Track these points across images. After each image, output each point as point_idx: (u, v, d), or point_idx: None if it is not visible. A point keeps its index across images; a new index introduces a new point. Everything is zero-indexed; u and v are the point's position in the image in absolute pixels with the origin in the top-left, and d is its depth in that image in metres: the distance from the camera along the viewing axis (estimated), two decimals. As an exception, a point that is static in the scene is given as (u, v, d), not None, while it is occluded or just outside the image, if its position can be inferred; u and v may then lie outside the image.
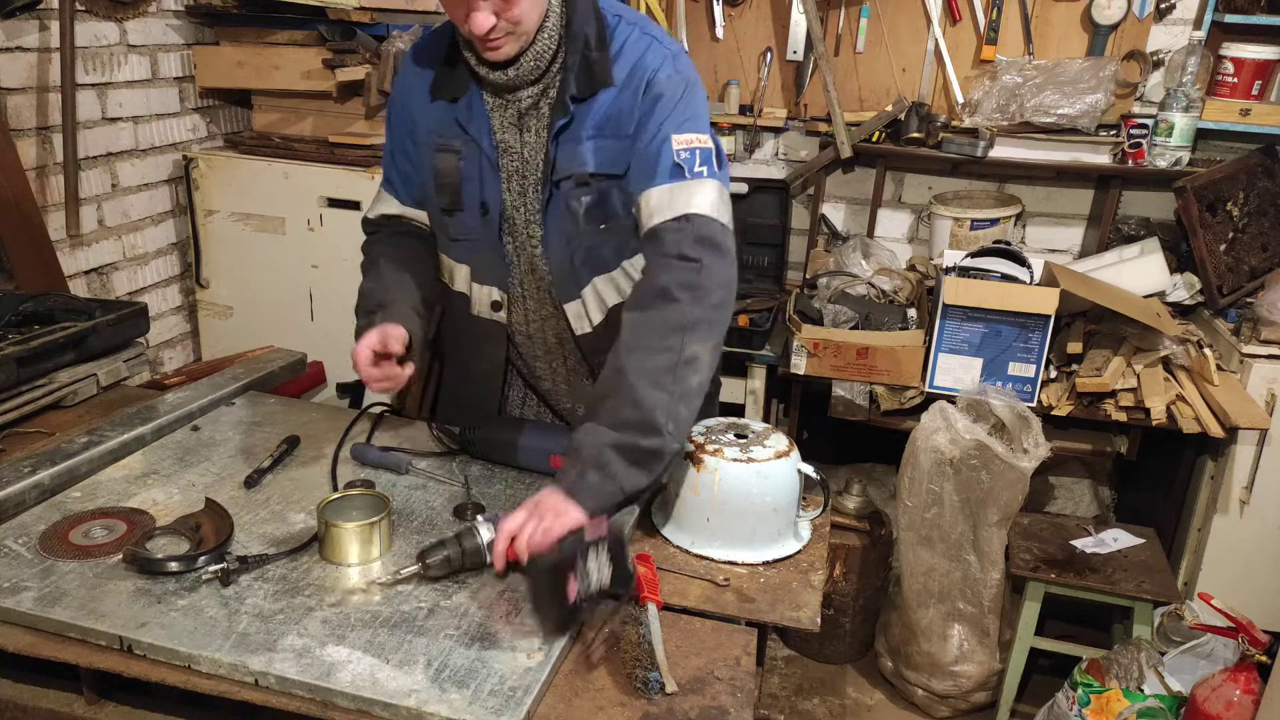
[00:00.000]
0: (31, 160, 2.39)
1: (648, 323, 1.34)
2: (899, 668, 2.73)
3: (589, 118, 1.49)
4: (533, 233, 1.59)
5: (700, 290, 1.35)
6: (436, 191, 1.60)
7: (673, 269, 1.37)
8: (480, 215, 1.58)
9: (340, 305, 2.92)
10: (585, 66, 1.48)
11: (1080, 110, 2.85)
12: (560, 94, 1.49)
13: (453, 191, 1.58)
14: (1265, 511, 2.67)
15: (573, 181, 1.51)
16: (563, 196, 1.53)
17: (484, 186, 1.56)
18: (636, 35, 1.51)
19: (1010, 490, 2.40)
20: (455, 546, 1.29)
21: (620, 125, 1.48)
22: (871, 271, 3.06)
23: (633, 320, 1.36)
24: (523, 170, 1.56)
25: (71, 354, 1.84)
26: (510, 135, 1.55)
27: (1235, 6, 2.83)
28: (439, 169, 1.58)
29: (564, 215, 1.54)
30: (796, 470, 1.43)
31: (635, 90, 1.47)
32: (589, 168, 1.50)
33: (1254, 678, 2.18)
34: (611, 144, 1.50)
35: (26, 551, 1.29)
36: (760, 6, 3.16)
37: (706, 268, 1.37)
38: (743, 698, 1.14)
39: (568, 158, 1.51)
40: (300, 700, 1.09)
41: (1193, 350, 2.64)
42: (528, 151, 1.55)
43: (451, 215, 1.61)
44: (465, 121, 1.54)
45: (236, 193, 2.86)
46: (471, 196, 1.58)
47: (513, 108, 1.53)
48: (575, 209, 1.53)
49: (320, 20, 2.74)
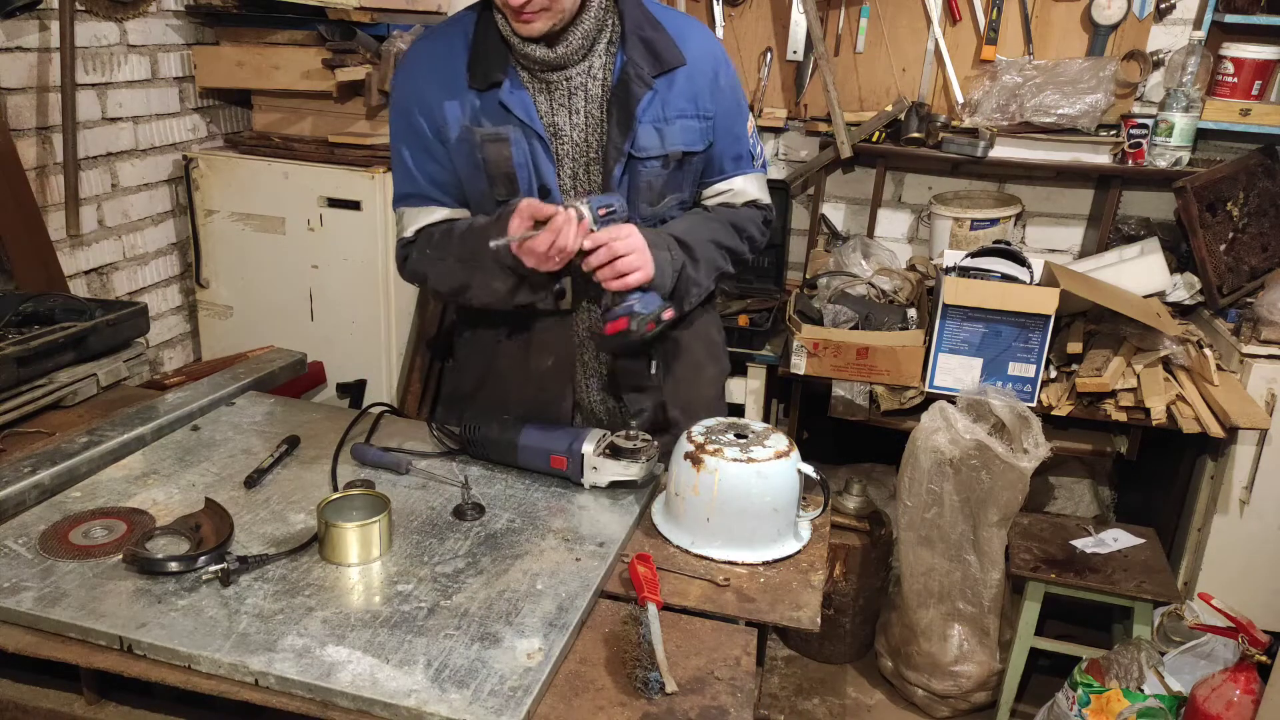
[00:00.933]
0: (31, 160, 2.39)
1: (722, 223, 1.68)
2: (899, 668, 2.73)
3: (669, 96, 1.56)
4: None
5: (754, 245, 1.76)
6: (490, 183, 1.57)
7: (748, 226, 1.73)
8: (540, 199, 1.55)
9: (340, 305, 2.93)
10: (647, 45, 1.53)
11: (1080, 110, 2.85)
12: (627, 71, 1.52)
13: (509, 179, 1.56)
14: (1265, 511, 2.67)
15: (657, 160, 1.57)
16: (639, 173, 1.56)
17: (539, 169, 1.55)
18: (680, 18, 1.62)
19: (1010, 490, 2.40)
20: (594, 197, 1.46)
21: (699, 105, 1.59)
22: (871, 271, 3.06)
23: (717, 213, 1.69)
24: (572, 151, 1.57)
25: (71, 354, 1.84)
26: (560, 117, 1.55)
27: (1235, 6, 2.83)
28: (489, 159, 1.55)
29: (635, 187, 1.58)
30: (796, 470, 1.43)
31: (711, 75, 1.59)
32: (677, 146, 1.58)
33: (1254, 678, 2.18)
34: (693, 123, 1.59)
35: (26, 551, 1.29)
36: (760, 6, 3.16)
37: (763, 240, 1.80)
38: (743, 698, 1.14)
39: (648, 136, 1.55)
40: (300, 700, 1.09)
41: (1193, 350, 2.64)
42: (576, 133, 1.56)
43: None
44: (511, 105, 1.52)
45: (236, 193, 2.86)
46: (527, 182, 1.56)
47: (560, 88, 1.54)
48: (652, 184, 1.60)
49: (320, 20, 2.74)
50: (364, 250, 2.83)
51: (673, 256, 1.56)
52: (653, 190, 1.61)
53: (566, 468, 1.54)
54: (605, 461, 1.52)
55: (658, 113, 1.55)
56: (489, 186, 1.58)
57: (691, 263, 1.61)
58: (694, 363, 1.78)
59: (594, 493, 1.54)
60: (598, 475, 1.53)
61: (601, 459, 1.52)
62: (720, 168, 1.68)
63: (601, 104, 1.56)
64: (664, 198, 1.63)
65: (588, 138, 1.57)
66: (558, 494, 1.53)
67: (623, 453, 1.52)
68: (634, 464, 1.51)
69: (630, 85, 1.52)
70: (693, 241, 1.61)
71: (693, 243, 1.61)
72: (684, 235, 1.61)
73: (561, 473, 1.55)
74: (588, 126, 1.57)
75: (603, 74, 1.55)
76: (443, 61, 1.56)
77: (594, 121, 1.57)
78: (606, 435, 1.56)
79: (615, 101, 1.54)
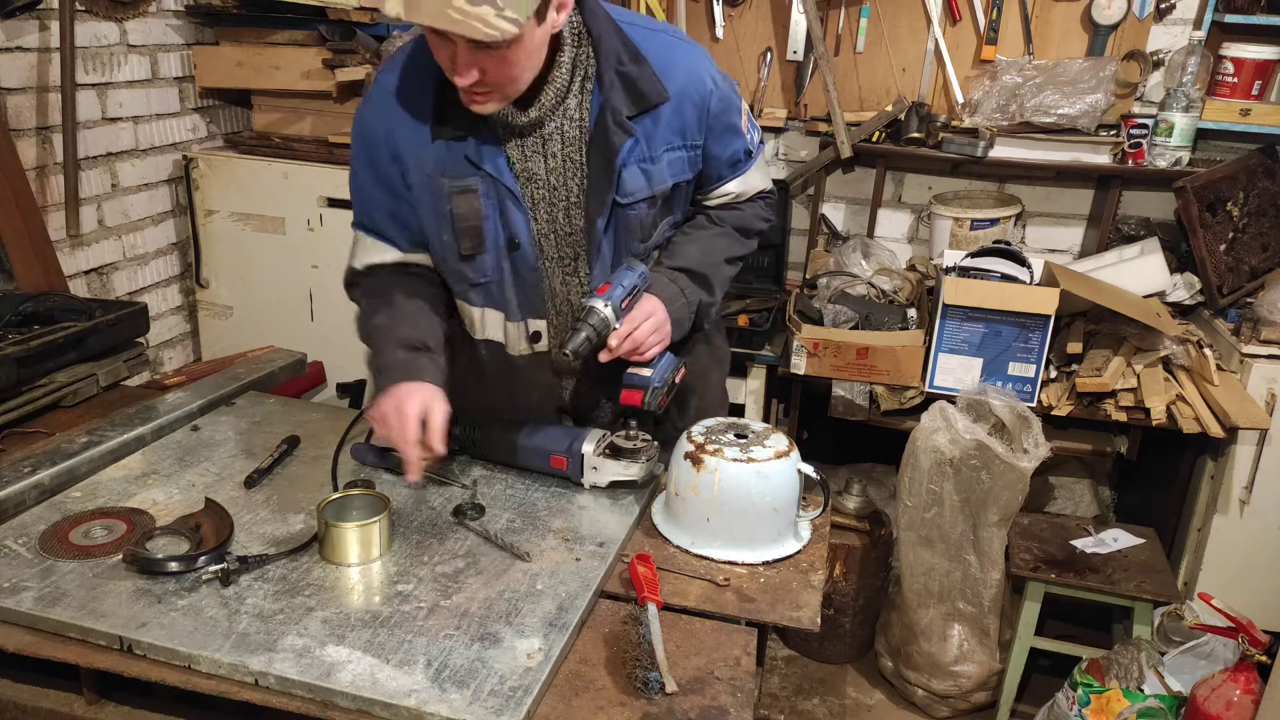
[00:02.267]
0: (31, 160, 2.39)
1: (730, 236, 1.66)
2: (899, 668, 2.73)
3: (655, 133, 1.48)
4: (567, 253, 1.55)
5: (762, 237, 1.75)
6: (457, 236, 1.49)
7: (754, 225, 1.71)
8: (509, 252, 1.51)
9: (340, 305, 2.92)
10: (628, 83, 1.44)
11: (1080, 110, 2.85)
12: (604, 117, 1.43)
13: (475, 234, 1.49)
14: (1265, 511, 2.67)
15: (643, 202, 1.51)
16: (626, 218, 1.52)
17: (509, 221, 1.49)
18: (664, 41, 1.49)
19: (1010, 490, 2.40)
20: (587, 327, 1.43)
21: (687, 137, 1.52)
22: (871, 271, 3.06)
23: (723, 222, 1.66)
24: (550, 198, 1.51)
25: (71, 354, 1.84)
26: (534, 163, 1.48)
27: (1235, 6, 2.82)
28: (458, 213, 1.47)
29: (624, 230, 1.53)
30: (796, 470, 1.43)
31: (699, 104, 1.50)
32: (665, 182, 1.52)
33: (1254, 678, 2.18)
34: (681, 154, 1.52)
35: (26, 551, 1.29)
36: (760, 6, 3.16)
37: (770, 229, 1.78)
38: (743, 698, 1.14)
39: (633, 180, 1.48)
40: (300, 700, 1.10)
41: (1193, 350, 2.64)
42: (554, 177, 1.49)
43: (473, 260, 1.52)
44: (479, 159, 1.44)
45: (236, 193, 2.86)
46: (494, 235, 1.50)
47: (533, 135, 1.46)
48: (642, 223, 1.54)
49: (320, 20, 2.74)
50: (364, 250, 2.83)
51: (688, 300, 1.57)
52: (643, 228, 1.55)
53: (566, 468, 1.54)
54: (605, 461, 1.52)
55: (642, 153, 1.48)
56: (454, 239, 1.50)
57: (706, 291, 1.61)
58: (701, 370, 1.77)
59: (594, 493, 1.54)
60: (598, 475, 1.53)
61: (601, 459, 1.52)
62: (719, 175, 1.62)
63: (580, 146, 1.47)
64: (655, 228, 1.58)
65: (566, 182, 1.50)
66: (558, 494, 1.53)
67: (623, 453, 1.52)
68: (634, 464, 1.51)
69: (609, 134, 1.44)
70: (706, 269, 1.61)
71: (706, 271, 1.61)
72: (696, 266, 1.59)
73: (561, 473, 1.55)
74: (566, 171, 1.49)
75: (579, 113, 1.46)
76: (410, 102, 1.45)
77: (573, 165, 1.49)
78: (606, 435, 1.56)
79: (595, 147, 1.46)
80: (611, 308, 1.44)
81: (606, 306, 1.44)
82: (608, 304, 1.44)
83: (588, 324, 1.44)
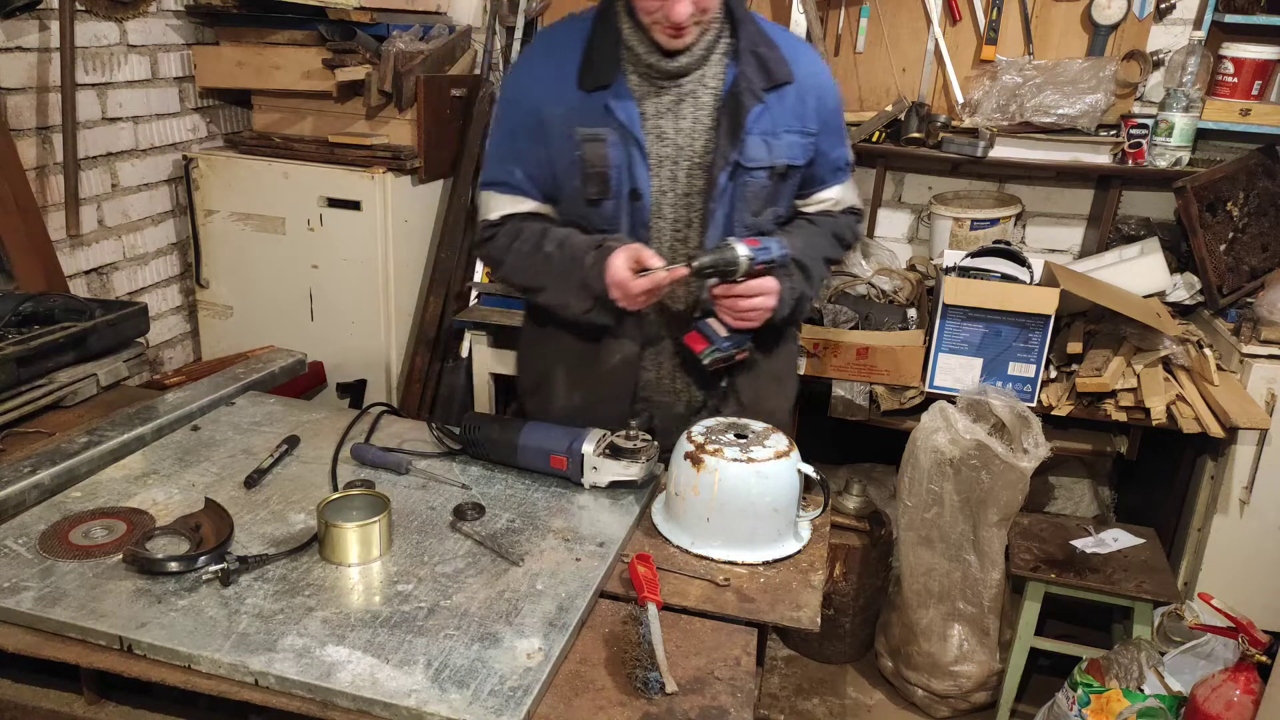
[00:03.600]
0: (31, 160, 2.39)
1: (829, 238, 1.79)
2: (899, 668, 2.74)
3: (778, 111, 1.62)
4: (681, 215, 1.65)
5: (849, 250, 1.93)
6: (583, 181, 1.61)
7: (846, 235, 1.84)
8: (630, 202, 1.62)
9: (340, 305, 2.93)
10: (759, 61, 1.60)
11: (1080, 110, 2.85)
12: (739, 83, 1.58)
13: (602, 179, 1.60)
14: (1265, 511, 2.67)
15: (763, 171, 1.63)
16: (746, 184, 1.62)
17: (633, 173, 1.60)
18: (792, 39, 1.71)
19: (1010, 490, 2.40)
20: (722, 258, 1.52)
21: (805, 121, 1.66)
22: (871, 271, 3.06)
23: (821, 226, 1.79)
24: (674, 155, 1.62)
25: (71, 354, 1.84)
26: (666, 121, 1.61)
27: (1235, 6, 2.82)
28: (587, 158, 1.59)
29: (738, 199, 1.63)
30: (796, 470, 1.43)
31: (818, 94, 1.67)
32: (782, 159, 1.64)
33: (1254, 678, 2.18)
34: (798, 139, 1.65)
35: (26, 551, 1.29)
36: (760, 6, 3.15)
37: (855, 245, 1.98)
38: (743, 698, 1.14)
39: (757, 147, 1.61)
40: (300, 700, 1.09)
41: (1193, 350, 2.64)
42: (682, 138, 1.61)
43: (597, 205, 1.63)
44: (614, 109, 1.57)
45: (236, 193, 2.86)
46: (619, 183, 1.61)
47: (670, 93, 1.60)
48: (758, 195, 1.65)
49: (320, 20, 2.74)
50: (364, 250, 2.83)
51: (793, 285, 1.66)
52: (758, 200, 1.66)
53: (566, 468, 1.54)
54: (605, 461, 1.52)
55: (767, 125, 1.61)
56: (581, 184, 1.62)
57: (807, 284, 1.71)
58: (774, 375, 1.84)
59: (594, 493, 1.54)
60: (598, 475, 1.53)
61: (601, 459, 1.52)
62: (821, 179, 1.76)
63: (712, 112, 1.61)
64: (764, 210, 1.69)
65: (692, 143, 1.62)
66: (558, 494, 1.53)
67: (623, 453, 1.52)
68: (634, 464, 1.51)
69: (741, 96, 1.58)
70: (809, 263, 1.71)
71: (809, 264, 1.70)
72: (801, 256, 1.68)
73: (561, 473, 1.55)
74: (694, 133, 1.61)
75: (715, 83, 1.61)
76: (557, 59, 1.62)
77: (701, 128, 1.62)
78: (606, 435, 1.56)
79: (725, 111, 1.60)
80: (748, 260, 1.53)
81: (746, 256, 1.53)
82: (749, 256, 1.53)
83: (723, 256, 1.53)
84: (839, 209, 1.81)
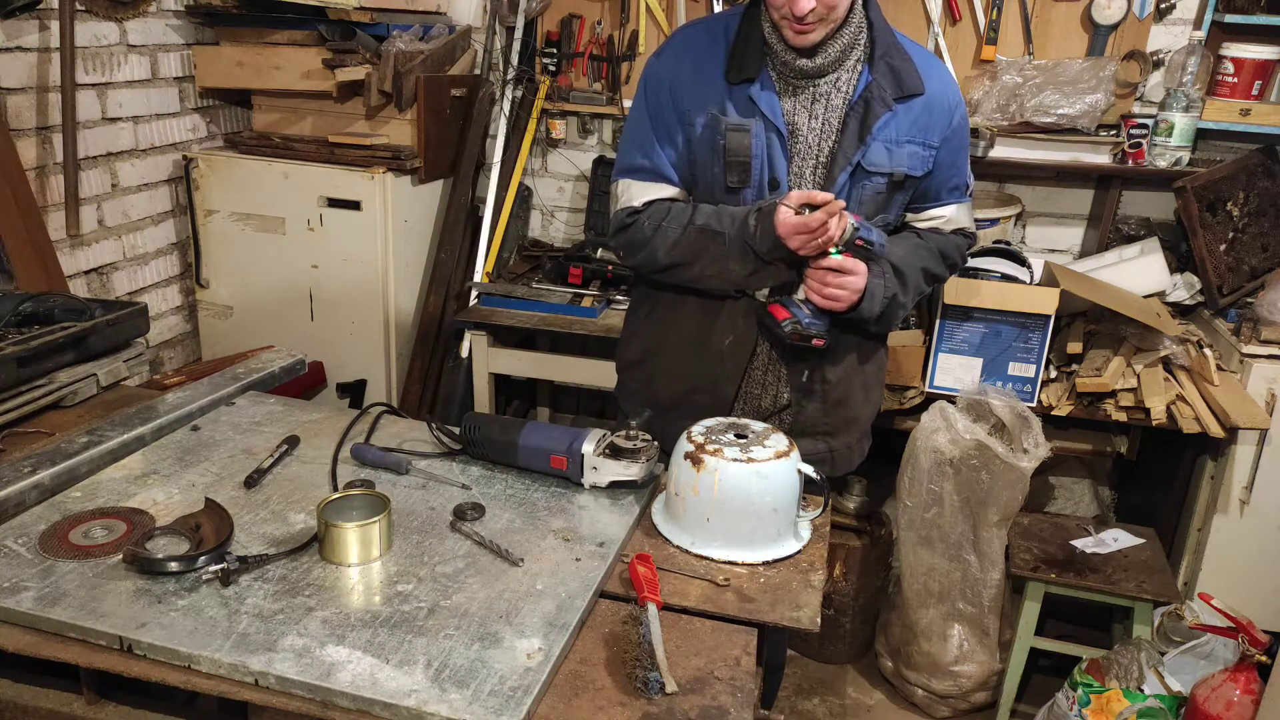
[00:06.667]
0: (31, 160, 2.39)
1: (933, 253, 1.83)
2: (899, 668, 2.74)
3: (904, 120, 1.69)
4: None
5: (954, 271, 1.93)
6: (726, 169, 1.69)
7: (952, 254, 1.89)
8: (768, 191, 1.69)
9: (340, 305, 2.93)
10: (892, 71, 1.67)
11: (1080, 110, 2.85)
12: (871, 90, 1.65)
13: (744, 168, 1.68)
14: (1265, 511, 2.67)
15: (883, 177, 1.70)
16: (865, 186, 1.68)
17: (774, 163, 1.68)
18: (927, 55, 1.76)
19: (1010, 490, 2.40)
20: None
21: (928, 134, 1.72)
22: (871, 271, 3.06)
23: (927, 240, 1.84)
24: (805, 152, 1.70)
25: (71, 354, 1.84)
26: (801, 118, 1.69)
27: (1235, 6, 2.83)
28: (731, 147, 1.67)
29: (853, 200, 1.70)
30: (796, 470, 1.43)
31: (946, 113, 1.73)
32: (902, 168, 1.70)
33: (1254, 678, 2.18)
34: (919, 150, 1.71)
35: (26, 551, 1.29)
36: (760, 6, 3.15)
37: (960, 267, 1.98)
38: (743, 698, 1.14)
39: (879, 153, 1.68)
40: (300, 700, 1.09)
41: (1193, 350, 2.64)
42: (812, 136, 1.70)
43: (737, 193, 1.71)
44: (759, 101, 1.65)
45: (236, 193, 2.86)
46: (759, 172, 1.69)
47: (805, 92, 1.68)
48: (874, 199, 1.72)
49: (320, 20, 2.74)
50: (364, 250, 2.83)
51: (885, 284, 1.72)
52: (872, 204, 1.72)
53: (566, 468, 1.54)
54: (605, 461, 1.52)
55: (891, 134, 1.68)
56: (723, 172, 1.69)
57: (902, 290, 1.76)
58: (864, 382, 1.88)
59: (594, 493, 1.54)
60: (598, 475, 1.53)
61: (601, 459, 1.52)
62: (936, 195, 1.81)
63: (841, 114, 1.69)
64: (875, 215, 1.74)
65: (821, 142, 1.70)
66: (558, 494, 1.53)
67: (623, 453, 1.52)
68: (634, 464, 1.51)
69: (872, 103, 1.66)
70: (906, 270, 1.76)
71: (906, 270, 1.76)
72: (900, 263, 1.75)
73: (561, 473, 1.55)
74: (823, 132, 1.69)
75: (847, 88, 1.68)
76: (702, 52, 1.70)
77: (830, 129, 1.69)
78: (606, 435, 1.56)
79: (854, 115, 1.67)
80: (852, 229, 1.61)
81: (852, 225, 1.60)
82: (854, 225, 1.61)
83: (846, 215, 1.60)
84: (949, 228, 1.86)
